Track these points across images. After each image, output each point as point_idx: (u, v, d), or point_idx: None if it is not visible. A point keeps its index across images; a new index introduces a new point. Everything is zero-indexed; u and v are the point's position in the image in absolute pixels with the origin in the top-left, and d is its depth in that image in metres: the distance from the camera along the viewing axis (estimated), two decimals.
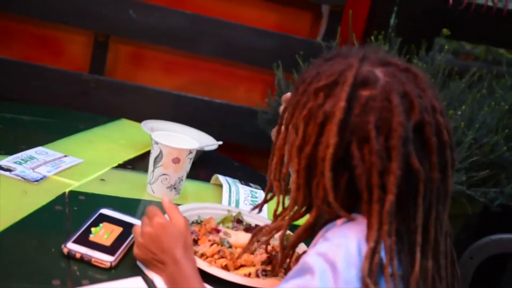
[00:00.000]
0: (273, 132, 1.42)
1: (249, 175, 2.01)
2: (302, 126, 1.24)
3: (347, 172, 1.19)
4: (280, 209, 1.37)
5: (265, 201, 1.43)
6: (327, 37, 2.61)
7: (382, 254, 1.16)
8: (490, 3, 2.68)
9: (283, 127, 1.34)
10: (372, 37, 2.47)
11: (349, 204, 1.23)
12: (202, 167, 1.92)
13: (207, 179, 1.93)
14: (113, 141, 2.12)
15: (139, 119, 2.17)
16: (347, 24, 2.53)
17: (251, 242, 1.44)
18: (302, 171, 1.25)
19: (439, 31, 2.46)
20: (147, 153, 1.87)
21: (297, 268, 1.20)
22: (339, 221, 1.23)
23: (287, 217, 1.33)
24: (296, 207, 1.30)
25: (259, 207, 1.47)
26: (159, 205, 1.43)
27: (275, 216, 1.37)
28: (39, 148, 1.84)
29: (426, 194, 1.21)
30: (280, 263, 1.40)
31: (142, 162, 1.94)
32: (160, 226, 1.36)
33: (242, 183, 1.92)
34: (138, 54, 2.60)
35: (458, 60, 2.89)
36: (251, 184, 1.94)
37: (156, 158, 1.73)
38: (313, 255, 1.19)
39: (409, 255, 1.21)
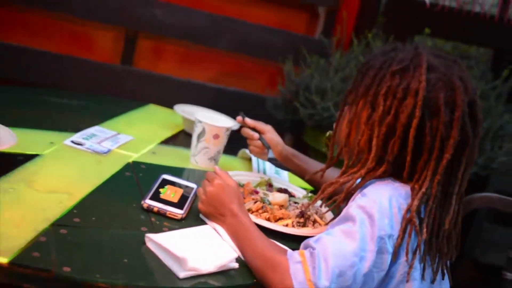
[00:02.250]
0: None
1: None
2: (381, 101, 1.43)
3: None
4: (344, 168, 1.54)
5: (329, 165, 1.60)
6: (324, 35, 2.65)
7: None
8: (459, 6, 2.76)
9: (349, 104, 1.51)
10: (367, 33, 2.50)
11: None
12: (228, 143, 1.99)
13: (233, 153, 2.07)
14: (149, 122, 2.24)
15: (164, 104, 2.35)
16: (341, 23, 2.59)
17: (320, 193, 1.54)
18: (382, 136, 1.42)
19: (419, 30, 2.59)
20: (180, 132, 2.13)
21: (340, 218, 1.39)
22: (376, 181, 1.45)
23: (349, 177, 1.49)
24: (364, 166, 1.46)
25: (323, 170, 1.63)
26: (202, 173, 1.64)
27: (342, 173, 1.52)
28: (96, 127, 1.95)
29: (469, 157, 1.45)
30: (343, 205, 1.53)
31: (178, 139, 2.11)
32: (220, 186, 1.52)
33: (270, 161, 1.98)
34: (160, 49, 2.68)
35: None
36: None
37: (199, 134, 1.89)
38: (354, 208, 1.38)
39: (447, 201, 1.45)
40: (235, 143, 2.06)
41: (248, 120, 1.92)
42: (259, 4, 2.63)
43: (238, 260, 1.46)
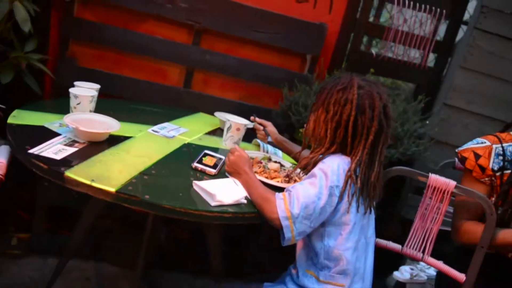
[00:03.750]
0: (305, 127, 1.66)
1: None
2: (332, 107, 1.54)
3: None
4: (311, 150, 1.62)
5: (303, 148, 1.72)
6: (309, 72, 2.60)
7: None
8: (394, 56, 2.70)
9: (313, 111, 1.60)
10: (334, 71, 2.50)
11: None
12: (246, 135, 2.05)
13: (249, 141, 2.11)
14: (199, 122, 2.26)
15: (208, 112, 2.35)
16: (320, 65, 2.60)
17: (299, 164, 1.67)
18: (333, 128, 1.54)
19: (368, 70, 2.55)
20: (217, 129, 2.18)
21: (308, 175, 1.53)
22: (330, 155, 1.55)
23: (315, 153, 1.57)
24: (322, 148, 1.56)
25: (300, 151, 1.76)
26: (228, 151, 1.69)
27: (311, 153, 1.60)
28: (166, 123, 2.05)
29: (384, 138, 1.57)
30: (305, 171, 1.64)
31: (216, 132, 2.16)
32: (237, 156, 1.62)
33: (269, 143, 2.05)
34: (208, 80, 2.63)
35: None
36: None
37: (228, 128, 1.96)
38: (316, 169, 1.51)
39: (372, 167, 1.55)
40: (251, 136, 2.13)
41: (257, 118, 2.07)
42: (270, 52, 2.59)
43: (246, 198, 1.55)
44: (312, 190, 1.47)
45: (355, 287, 1.56)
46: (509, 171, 1.71)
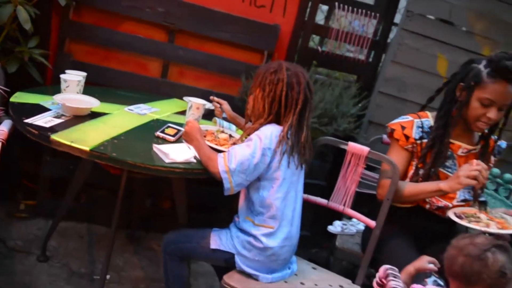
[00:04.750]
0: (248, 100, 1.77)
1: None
2: (267, 87, 1.65)
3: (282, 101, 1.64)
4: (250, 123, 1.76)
5: (246, 122, 1.81)
6: None
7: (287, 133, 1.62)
8: (338, 52, 2.81)
9: (252, 92, 1.71)
10: None
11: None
12: (205, 115, 2.14)
13: (210, 119, 2.18)
14: (170, 104, 2.36)
15: (180, 97, 2.46)
16: (274, 59, 2.67)
17: (244, 134, 1.77)
18: (269, 103, 1.66)
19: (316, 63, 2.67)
20: (184, 110, 2.16)
21: (245, 140, 1.67)
22: (266, 124, 1.66)
23: (256, 124, 1.69)
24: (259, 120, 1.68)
25: (245, 123, 1.83)
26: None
27: (253, 124, 1.70)
28: (141, 104, 2.17)
29: (310, 108, 1.71)
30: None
31: (182, 113, 2.20)
32: (191, 125, 1.77)
33: (224, 119, 2.13)
34: (182, 72, 2.69)
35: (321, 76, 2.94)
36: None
37: (190, 107, 2.06)
38: (253, 135, 1.64)
39: (301, 130, 1.68)
40: (209, 116, 2.21)
41: (215, 98, 2.14)
42: (233, 48, 2.68)
43: (195, 158, 1.70)
44: (248, 150, 1.63)
45: (283, 230, 1.73)
46: (425, 140, 1.87)
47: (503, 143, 1.98)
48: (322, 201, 2.06)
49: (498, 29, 2.83)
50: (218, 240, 1.77)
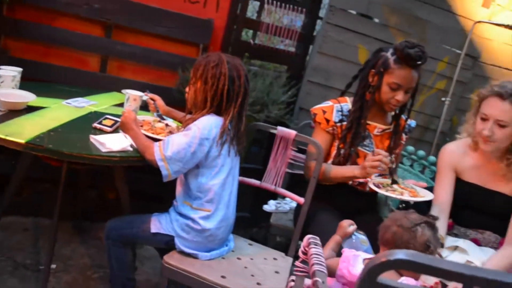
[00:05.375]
0: (187, 89, 1.73)
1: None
2: (210, 80, 1.63)
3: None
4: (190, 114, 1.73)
5: (187, 113, 1.76)
6: None
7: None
8: (269, 44, 2.87)
9: (192, 84, 1.68)
10: None
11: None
12: (144, 107, 2.11)
13: (148, 110, 2.12)
14: (108, 98, 2.32)
15: (120, 91, 2.32)
16: (209, 50, 2.66)
17: (183, 124, 1.71)
18: (211, 96, 1.65)
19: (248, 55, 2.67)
20: (123, 103, 2.12)
21: (184, 129, 1.65)
22: (205, 115, 1.65)
23: (197, 115, 1.66)
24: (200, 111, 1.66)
25: (185, 115, 1.77)
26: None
27: (194, 115, 1.67)
28: (79, 98, 2.10)
29: (248, 98, 1.72)
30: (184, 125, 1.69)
31: (121, 105, 2.15)
32: (126, 116, 1.76)
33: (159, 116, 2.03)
34: (121, 66, 2.64)
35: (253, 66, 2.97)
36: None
37: (127, 98, 2.04)
38: (192, 124, 1.63)
39: (240, 120, 1.70)
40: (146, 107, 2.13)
41: (149, 94, 2.08)
42: (171, 42, 2.66)
43: (132, 147, 1.69)
44: (184, 139, 1.63)
45: (219, 212, 1.75)
46: (345, 123, 1.94)
47: (412, 122, 2.09)
48: (255, 182, 2.10)
49: (409, 23, 2.98)
50: (158, 224, 1.78)
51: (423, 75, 3.15)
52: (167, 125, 1.99)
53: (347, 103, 1.97)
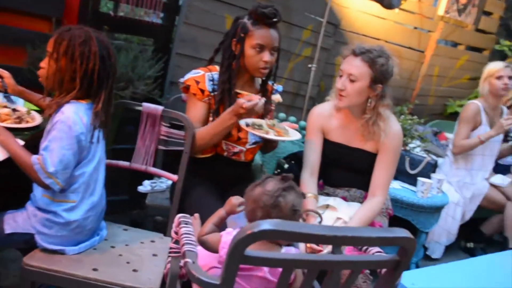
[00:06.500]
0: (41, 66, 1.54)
1: None
2: (78, 59, 1.47)
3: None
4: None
5: (45, 96, 1.59)
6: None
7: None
8: (132, 16, 2.65)
9: (53, 60, 1.48)
10: None
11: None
12: None
13: None
14: None
15: None
16: (63, 24, 2.23)
17: (47, 110, 1.52)
18: (80, 77, 1.49)
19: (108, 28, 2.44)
20: None
21: (52, 129, 1.46)
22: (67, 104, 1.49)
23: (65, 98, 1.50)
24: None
25: (44, 97, 1.61)
26: None
27: (56, 98, 1.51)
28: None
29: (116, 78, 1.59)
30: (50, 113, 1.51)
31: None
32: None
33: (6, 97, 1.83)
34: None
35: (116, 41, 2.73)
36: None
37: None
38: (58, 124, 1.45)
39: (110, 103, 1.57)
40: None
41: None
42: (18, 16, 2.34)
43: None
44: (60, 144, 1.45)
45: (86, 202, 1.60)
46: (217, 92, 1.88)
47: (279, 87, 2.10)
48: (124, 163, 1.97)
49: None
50: (13, 223, 1.58)
51: (290, 44, 3.28)
52: (14, 110, 1.76)
53: (217, 72, 1.93)
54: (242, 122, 1.77)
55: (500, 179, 3.15)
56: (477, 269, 1.99)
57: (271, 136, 1.73)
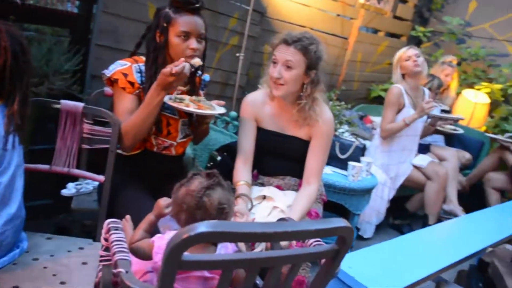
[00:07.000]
0: None
1: None
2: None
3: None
4: None
5: None
6: None
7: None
8: (43, 5, 2.39)
9: None
10: None
11: None
12: None
13: None
14: None
15: None
16: None
17: None
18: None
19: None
20: None
21: None
22: None
23: None
24: None
25: None
26: None
27: None
28: None
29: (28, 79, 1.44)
30: None
31: None
32: None
33: None
34: None
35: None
36: None
37: None
38: None
39: (26, 103, 1.41)
40: None
41: None
42: None
43: None
44: None
45: (2, 214, 1.43)
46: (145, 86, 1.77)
47: (206, 76, 2.05)
48: (44, 167, 1.81)
49: None
50: None
51: (217, 32, 3.21)
52: None
53: (144, 64, 1.82)
54: (167, 98, 1.70)
55: (420, 160, 3.32)
56: (406, 246, 2.10)
57: (191, 109, 1.68)
